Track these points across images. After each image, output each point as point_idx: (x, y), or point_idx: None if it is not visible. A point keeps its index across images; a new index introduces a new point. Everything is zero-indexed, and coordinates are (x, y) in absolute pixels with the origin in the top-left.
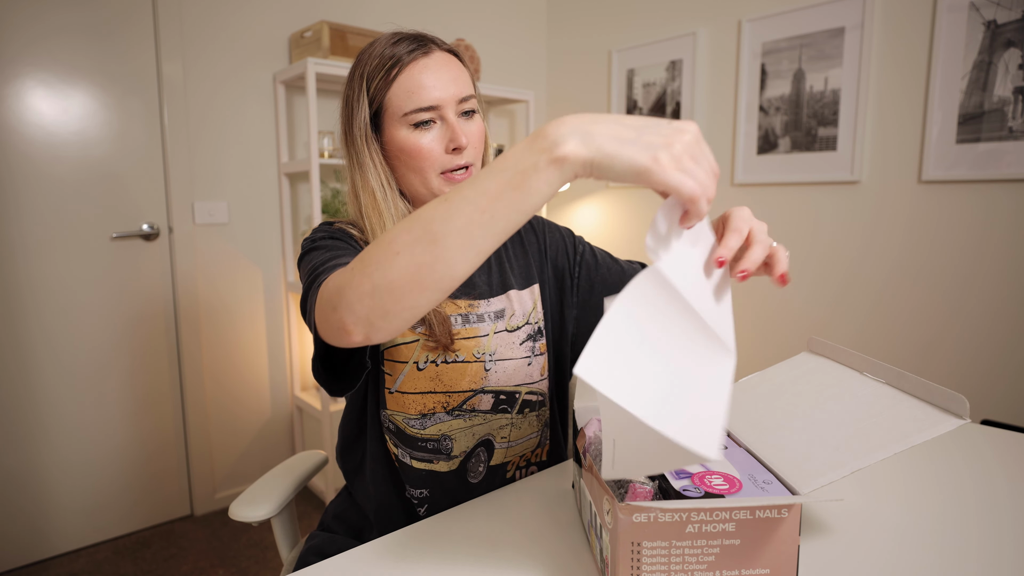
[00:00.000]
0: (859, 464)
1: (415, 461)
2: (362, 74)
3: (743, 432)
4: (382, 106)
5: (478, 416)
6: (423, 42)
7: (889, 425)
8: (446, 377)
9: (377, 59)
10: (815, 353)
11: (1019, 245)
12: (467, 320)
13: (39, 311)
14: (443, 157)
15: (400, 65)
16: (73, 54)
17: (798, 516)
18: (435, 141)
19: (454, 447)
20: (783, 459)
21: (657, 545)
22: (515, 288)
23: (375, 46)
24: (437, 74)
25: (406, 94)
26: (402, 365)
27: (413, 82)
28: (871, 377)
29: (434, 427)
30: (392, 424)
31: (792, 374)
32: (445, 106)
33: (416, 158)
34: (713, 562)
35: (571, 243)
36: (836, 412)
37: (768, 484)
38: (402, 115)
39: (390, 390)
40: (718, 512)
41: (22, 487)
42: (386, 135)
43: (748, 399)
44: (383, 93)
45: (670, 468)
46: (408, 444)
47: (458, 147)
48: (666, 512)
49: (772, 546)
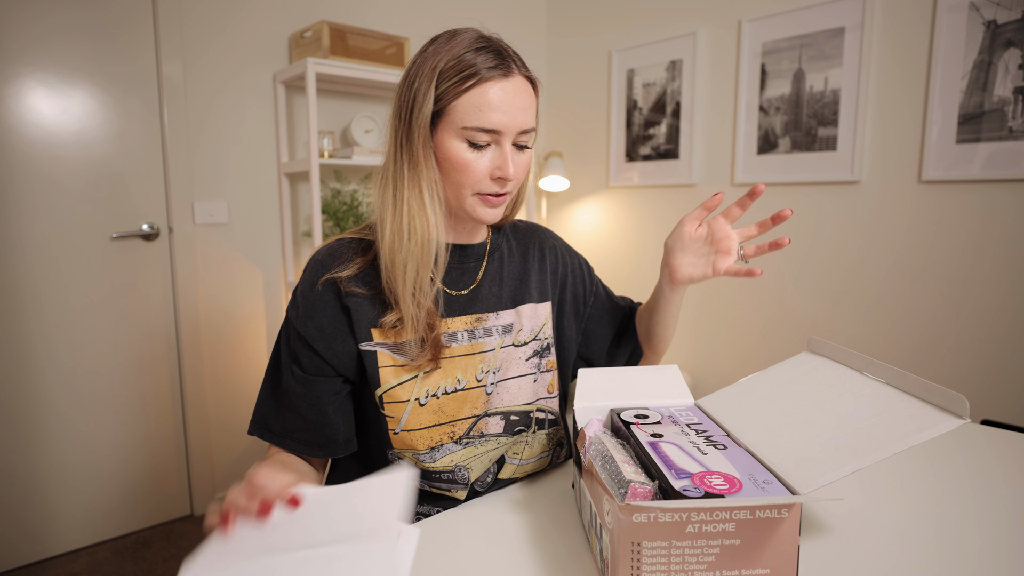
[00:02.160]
0: (859, 464)
1: (433, 489)
2: (435, 67)
3: (743, 432)
4: (444, 109)
5: (490, 441)
6: (506, 60)
7: (889, 425)
8: (448, 408)
9: (455, 60)
10: (815, 353)
11: (1019, 245)
12: (473, 335)
13: (39, 311)
14: (485, 180)
15: (478, 78)
16: (73, 54)
17: (798, 516)
18: (484, 163)
19: (471, 475)
20: (783, 459)
21: (657, 545)
22: (531, 302)
23: (456, 43)
24: (510, 100)
25: (474, 109)
26: (403, 405)
27: (484, 99)
28: (871, 377)
29: (445, 459)
30: (405, 460)
31: (792, 374)
32: (505, 133)
33: (460, 173)
34: (713, 562)
35: (588, 273)
36: (836, 412)
37: (768, 484)
38: (462, 127)
39: (395, 431)
40: (718, 512)
41: (22, 487)
42: (438, 137)
43: (748, 399)
44: (451, 97)
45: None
46: (423, 476)
47: (504, 177)
48: (666, 512)
49: (772, 546)
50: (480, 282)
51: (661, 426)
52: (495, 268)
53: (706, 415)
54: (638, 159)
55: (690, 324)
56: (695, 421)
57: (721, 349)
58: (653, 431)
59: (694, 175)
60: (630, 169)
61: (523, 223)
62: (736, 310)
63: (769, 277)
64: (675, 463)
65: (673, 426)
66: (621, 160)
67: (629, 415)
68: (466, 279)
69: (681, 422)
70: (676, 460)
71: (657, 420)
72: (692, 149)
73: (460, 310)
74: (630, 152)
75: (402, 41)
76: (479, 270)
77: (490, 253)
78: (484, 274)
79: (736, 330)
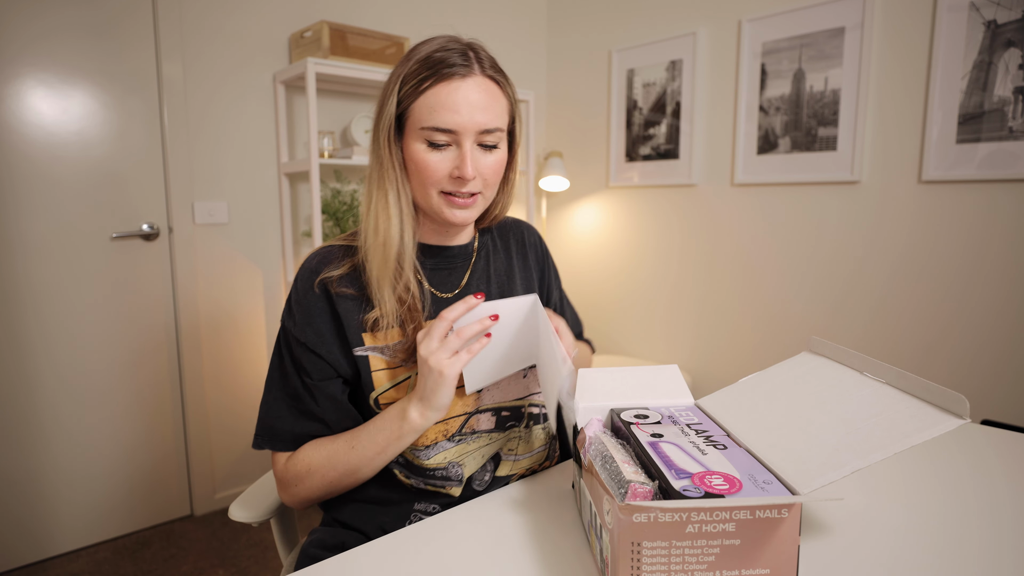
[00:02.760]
0: (859, 464)
1: (428, 486)
2: (400, 74)
3: (743, 432)
4: (406, 112)
5: (482, 437)
6: (467, 61)
7: (889, 425)
8: None
9: (418, 64)
10: (815, 353)
11: (1020, 245)
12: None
13: (39, 311)
14: (445, 180)
15: (434, 79)
16: (73, 54)
17: (798, 516)
18: (443, 163)
19: (464, 472)
20: (783, 459)
21: (657, 545)
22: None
23: (423, 47)
24: (467, 99)
25: (428, 109)
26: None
27: (438, 99)
28: (871, 377)
29: (439, 456)
30: (401, 457)
31: (792, 374)
32: (463, 133)
33: (421, 172)
34: (713, 562)
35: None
36: (836, 412)
37: (768, 484)
38: (420, 128)
39: None
40: (718, 512)
41: (22, 487)
42: (404, 140)
43: (748, 399)
44: (410, 100)
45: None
46: (419, 474)
47: (462, 176)
48: (666, 512)
49: (772, 546)
50: (467, 283)
51: (661, 426)
52: (481, 267)
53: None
54: (638, 159)
55: (690, 324)
56: (695, 421)
57: (721, 349)
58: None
59: (694, 175)
60: (630, 169)
61: (507, 219)
62: (736, 310)
63: (769, 277)
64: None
65: (673, 426)
66: (621, 160)
67: (629, 415)
68: (453, 280)
69: (681, 422)
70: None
71: (657, 420)
72: (692, 149)
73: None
74: (630, 152)
75: (402, 41)
76: (466, 271)
77: (477, 253)
78: (471, 274)
79: (736, 330)
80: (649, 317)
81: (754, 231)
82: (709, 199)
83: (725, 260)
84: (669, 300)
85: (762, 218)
